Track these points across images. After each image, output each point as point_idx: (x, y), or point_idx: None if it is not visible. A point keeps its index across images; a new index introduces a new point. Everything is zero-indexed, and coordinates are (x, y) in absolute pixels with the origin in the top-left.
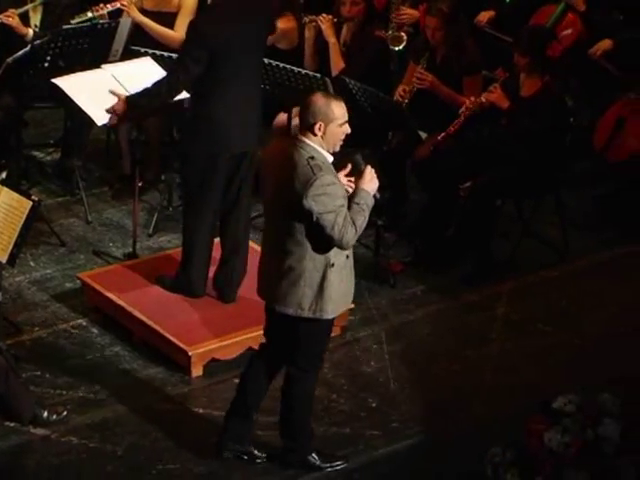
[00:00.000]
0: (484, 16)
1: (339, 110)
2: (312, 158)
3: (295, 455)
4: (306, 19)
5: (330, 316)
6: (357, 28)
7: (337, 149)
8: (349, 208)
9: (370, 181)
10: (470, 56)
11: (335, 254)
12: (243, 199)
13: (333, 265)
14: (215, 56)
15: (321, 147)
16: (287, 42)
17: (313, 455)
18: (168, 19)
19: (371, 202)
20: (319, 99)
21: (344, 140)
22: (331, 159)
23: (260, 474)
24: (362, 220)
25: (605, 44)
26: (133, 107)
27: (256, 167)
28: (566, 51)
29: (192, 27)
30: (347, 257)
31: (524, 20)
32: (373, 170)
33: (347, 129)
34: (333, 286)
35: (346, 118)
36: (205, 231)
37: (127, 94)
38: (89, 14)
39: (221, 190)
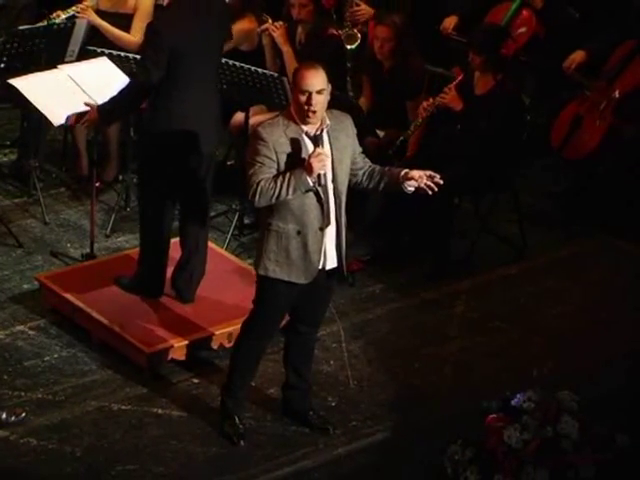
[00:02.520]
0: (449, 23)
1: (300, 78)
2: (276, 117)
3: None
4: (258, 29)
5: (270, 274)
6: (310, 28)
7: (305, 121)
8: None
9: (310, 163)
10: (414, 78)
11: (277, 218)
12: (202, 199)
13: (270, 225)
14: (173, 56)
15: (294, 114)
16: (248, 43)
17: (236, 419)
18: (124, 20)
19: (298, 182)
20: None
21: None
22: (305, 129)
23: (219, 473)
24: (268, 190)
25: (578, 56)
26: (106, 115)
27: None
28: (521, 49)
29: (150, 30)
30: (298, 232)
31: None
32: (321, 154)
33: (310, 103)
34: (269, 245)
35: (308, 89)
36: (162, 231)
37: (98, 103)
38: (46, 22)
39: (179, 189)
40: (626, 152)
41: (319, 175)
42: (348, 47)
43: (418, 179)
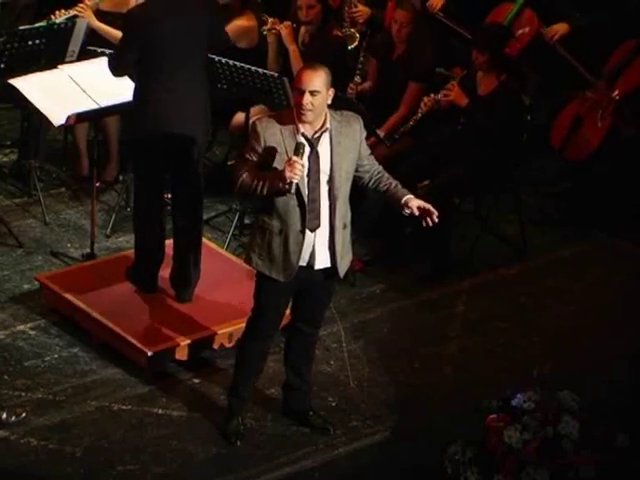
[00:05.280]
0: (437, 2)
1: (298, 76)
2: (279, 113)
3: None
4: (265, 27)
5: (253, 265)
6: (314, 29)
7: (301, 120)
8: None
9: (284, 170)
10: (426, 63)
11: (264, 214)
12: (194, 198)
13: (258, 218)
14: (147, 47)
15: (294, 113)
16: (247, 41)
17: (239, 419)
18: None
19: (271, 185)
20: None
21: None
22: (302, 129)
23: (219, 473)
24: (247, 184)
25: (562, 28)
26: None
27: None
28: (523, 49)
29: (126, 16)
30: (280, 231)
31: (475, 10)
32: (295, 163)
33: (302, 102)
34: (256, 239)
35: (302, 87)
36: (153, 230)
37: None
38: (46, 22)
39: (160, 183)
40: (626, 152)
41: (291, 183)
42: (348, 47)
43: (415, 210)
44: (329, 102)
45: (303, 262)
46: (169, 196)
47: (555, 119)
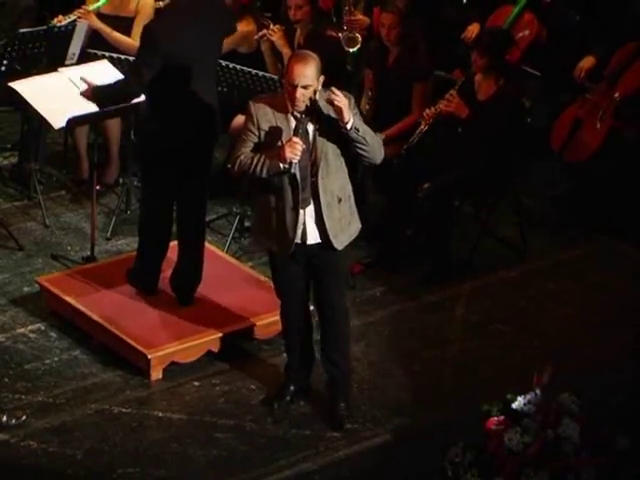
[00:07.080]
0: (472, 32)
1: (290, 69)
2: (273, 94)
3: None
4: (256, 36)
5: (257, 242)
6: (309, 30)
7: (295, 109)
8: None
9: (284, 150)
10: (422, 61)
11: (263, 189)
12: (200, 201)
13: (256, 194)
14: (169, 58)
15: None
16: (247, 46)
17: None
18: (125, 23)
19: (270, 165)
20: (291, 55)
21: None
22: (293, 115)
23: (220, 476)
24: (245, 164)
25: (588, 63)
26: (97, 100)
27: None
28: (523, 52)
29: (146, 32)
30: (277, 205)
31: None
32: (296, 144)
33: (296, 95)
34: (257, 214)
35: (294, 82)
36: (159, 233)
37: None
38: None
39: (174, 188)
40: (626, 154)
41: (291, 163)
42: (350, 50)
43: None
44: (320, 88)
45: (297, 239)
46: None
47: (555, 121)
